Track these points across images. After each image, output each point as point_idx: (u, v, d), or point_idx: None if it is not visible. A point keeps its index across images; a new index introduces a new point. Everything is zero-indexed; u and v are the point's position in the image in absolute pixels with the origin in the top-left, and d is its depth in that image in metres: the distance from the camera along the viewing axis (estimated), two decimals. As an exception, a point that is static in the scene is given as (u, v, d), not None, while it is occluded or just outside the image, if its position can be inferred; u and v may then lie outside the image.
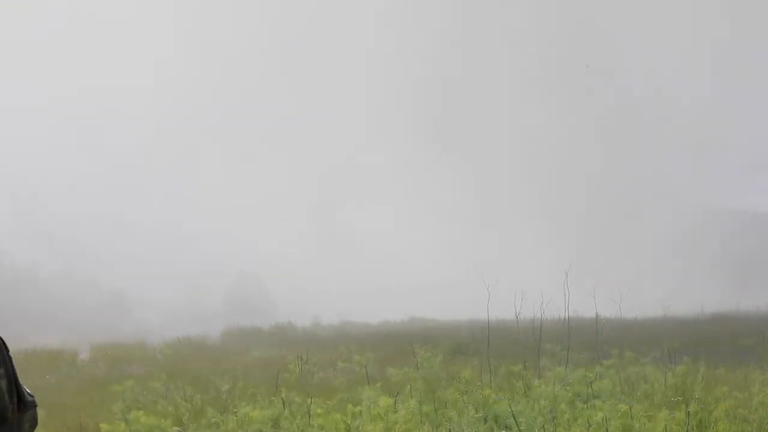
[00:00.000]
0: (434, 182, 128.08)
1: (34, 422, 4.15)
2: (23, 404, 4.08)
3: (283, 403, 15.09)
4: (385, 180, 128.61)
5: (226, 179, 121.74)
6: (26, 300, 69.59)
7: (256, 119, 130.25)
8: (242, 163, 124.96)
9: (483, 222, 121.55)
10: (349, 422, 12.86)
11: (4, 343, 4.03)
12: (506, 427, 13.21)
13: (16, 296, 69.80)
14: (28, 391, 4.16)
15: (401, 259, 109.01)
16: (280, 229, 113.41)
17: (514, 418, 12.89)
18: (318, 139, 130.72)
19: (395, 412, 13.36)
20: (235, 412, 14.75)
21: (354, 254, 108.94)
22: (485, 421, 13.68)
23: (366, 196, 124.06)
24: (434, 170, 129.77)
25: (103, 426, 13.39)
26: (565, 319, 22.21)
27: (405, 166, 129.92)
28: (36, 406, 4.18)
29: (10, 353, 4.11)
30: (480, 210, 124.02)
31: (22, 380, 4.09)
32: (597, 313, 22.61)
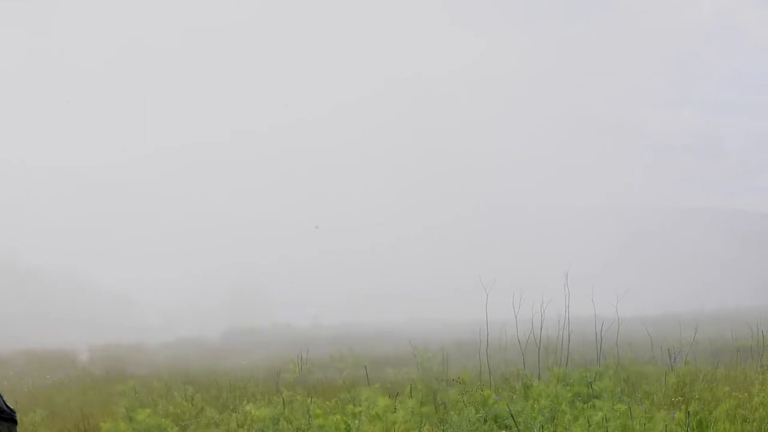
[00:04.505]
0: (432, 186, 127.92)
1: None
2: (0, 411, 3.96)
3: (283, 402, 15.10)
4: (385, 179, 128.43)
5: (229, 186, 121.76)
6: (28, 301, 69.61)
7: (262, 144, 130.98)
8: (245, 171, 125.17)
9: (480, 223, 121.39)
10: (348, 422, 12.87)
11: None
12: (506, 427, 13.22)
13: (18, 297, 69.80)
14: (9, 404, 4.06)
15: (400, 260, 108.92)
16: (280, 230, 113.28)
17: (513, 419, 12.90)
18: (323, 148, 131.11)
19: (394, 412, 13.36)
20: (236, 411, 14.77)
21: (353, 255, 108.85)
22: (485, 421, 13.68)
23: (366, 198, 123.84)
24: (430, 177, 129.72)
25: (104, 425, 13.39)
26: (564, 318, 22.21)
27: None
28: (15, 422, 4.06)
29: None
30: (476, 211, 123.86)
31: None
32: (596, 313, 22.62)
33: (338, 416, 13.17)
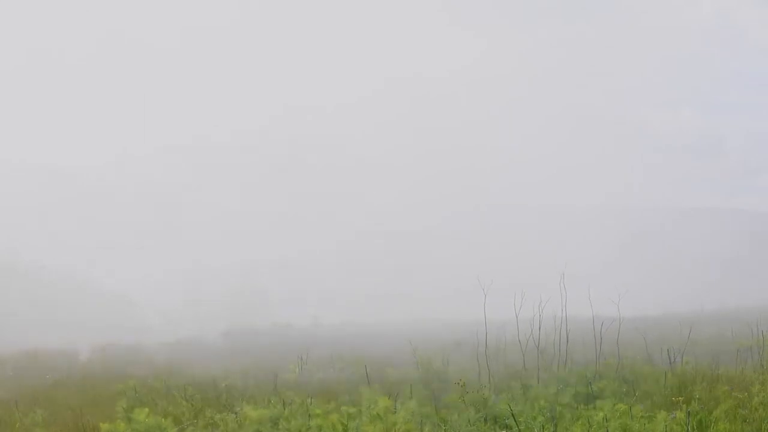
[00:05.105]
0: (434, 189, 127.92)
1: None
2: None
3: (283, 403, 15.09)
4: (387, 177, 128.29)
5: (229, 186, 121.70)
6: (28, 301, 69.65)
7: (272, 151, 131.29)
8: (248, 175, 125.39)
9: (480, 223, 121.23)
10: (346, 423, 12.85)
11: None
12: (506, 427, 13.21)
13: (18, 297, 69.83)
14: None
15: (400, 260, 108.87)
16: (280, 230, 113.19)
17: (514, 418, 12.89)
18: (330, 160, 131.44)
19: (394, 412, 13.34)
20: (235, 412, 14.74)
21: (353, 255, 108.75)
22: (485, 421, 13.67)
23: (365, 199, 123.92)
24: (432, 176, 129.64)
25: (103, 425, 13.37)
26: (561, 318, 22.21)
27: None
28: None
29: None
30: (476, 211, 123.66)
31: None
32: (593, 314, 22.61)
33: (337, 416, 13.15)
